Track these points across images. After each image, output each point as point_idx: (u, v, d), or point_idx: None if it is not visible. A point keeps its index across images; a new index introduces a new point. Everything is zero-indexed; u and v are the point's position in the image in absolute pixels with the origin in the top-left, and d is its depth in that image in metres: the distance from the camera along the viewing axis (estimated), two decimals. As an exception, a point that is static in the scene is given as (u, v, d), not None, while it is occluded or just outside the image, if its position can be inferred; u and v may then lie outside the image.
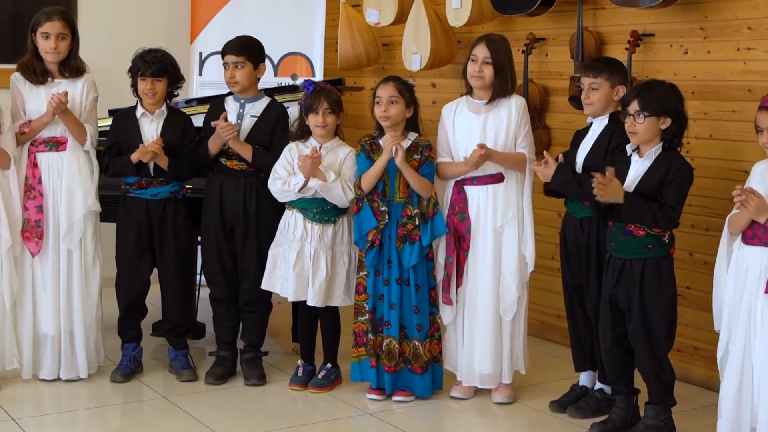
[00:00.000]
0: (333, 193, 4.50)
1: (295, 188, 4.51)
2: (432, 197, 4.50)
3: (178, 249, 4.80)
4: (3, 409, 4.41)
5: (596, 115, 4.35)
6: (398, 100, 4.49)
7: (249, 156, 4.68)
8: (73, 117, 4.65)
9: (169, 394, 4.67)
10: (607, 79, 4.27)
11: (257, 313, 4.84)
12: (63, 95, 4.54)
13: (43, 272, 4.72)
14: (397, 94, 4.49)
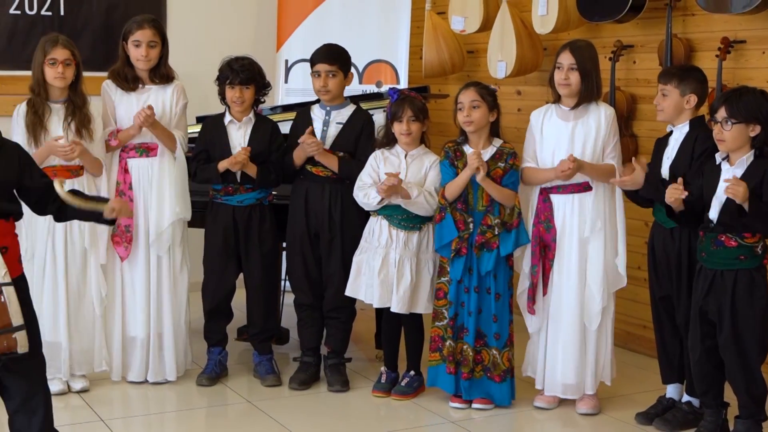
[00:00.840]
0: (417, 207, 4.50)
1: (373, 202, 4.52)
2: (515, 206, 4.47)
3: (263, 255, 4.84)
4: (93, 410, 4.49)
5: (667, 122, 4.29)
6: (480, 105, 4.47)
7: (335, 167, 4.70)
8: (162, 127, 4.72)
9: (254, 398, 4.71)
10: (676, 86, 4.20)
11: (341, 320, 4.85)
12: (149, 109, 4.62)
13: (133, 276, 4.80)
14: (479, 98, 4.47)
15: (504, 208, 4.45)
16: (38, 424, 3.29)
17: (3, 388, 3.29)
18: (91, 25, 6.53)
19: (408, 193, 4.47)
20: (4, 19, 6.30)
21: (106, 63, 5.07)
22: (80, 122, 4.60)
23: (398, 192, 4.45)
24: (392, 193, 4.45)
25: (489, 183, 4.41)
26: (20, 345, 3.02)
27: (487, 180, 4.39)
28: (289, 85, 6.66)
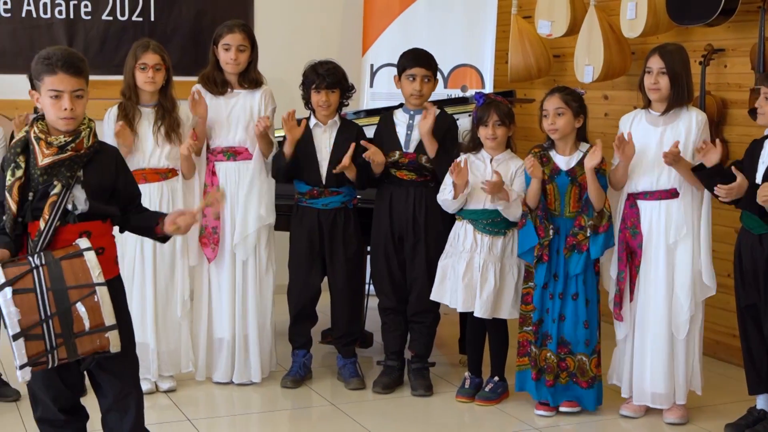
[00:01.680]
0: (512, 210, 4.48)
1: (449, 196, 4.51)
2: (605, 210, 4.41)
3: (348, 258, 4.86)
4: (179, 410, 4.56)
5: None
6: (565, 112, 4.42)
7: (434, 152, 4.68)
8: (269, 137, 4.78)
9: (337, 401, 4.73)
10: None
11: (425, 324, 4.84)
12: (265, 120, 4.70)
13: (219, 278, 4.86)
14: (564, 105, 4.42)
15: (595, 211, 4.39)
16: (130, 423, 3.35)
17: (97, 387, 3.36)
18: (180, 30, 6.64)
19: (509, 195, 4.45)
20: (97, 24, 6.44)
21: (195, 67, 5.15)
22: (169, 126, 4.68)
23: (500, 191, 4.42)
24: (496, 192, 4.42)
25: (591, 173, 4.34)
26: (112, 344, 3.07)
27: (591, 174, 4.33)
28: (374, 89, 6.68)
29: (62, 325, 3.01)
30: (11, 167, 3.19)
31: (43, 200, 3.15)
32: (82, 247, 3.09)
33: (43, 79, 3.16)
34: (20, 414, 4.45)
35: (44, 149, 3.17)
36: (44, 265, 3.03)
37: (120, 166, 3.36)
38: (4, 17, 6.27)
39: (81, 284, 3.03)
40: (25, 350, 2.98)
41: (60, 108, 3.15)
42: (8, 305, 2.96)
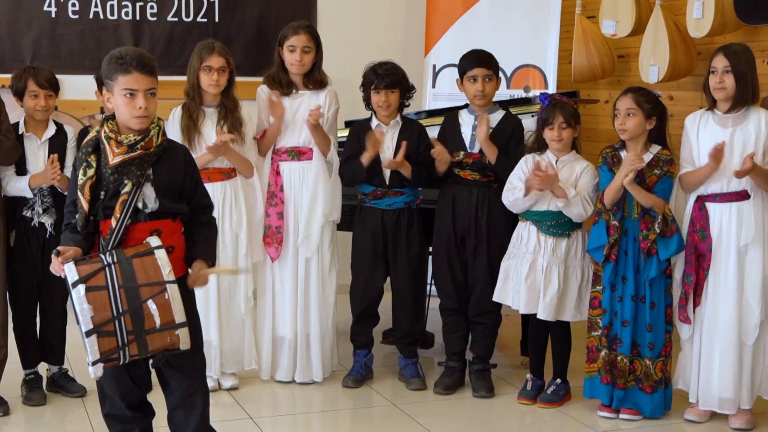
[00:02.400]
0: (572, 209, 4.44)
1: (519, 194, 4.49)
2: (667, 215, 4.36)
3: (410, 259, 4.86)
4: (242, 408, 4.59)
5: None
6: (636, 113, 4.37)
7: (494, 157, 4.67)
8: (322, 130, 4.79)
9: (398, 401, 4.73)
10: None
11: (487, 325, 4.83)
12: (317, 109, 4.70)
13: (282, 277, 4.89)
14: (635, 106, 4.37)
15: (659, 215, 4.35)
16: (195, 421, 3.39)
17: (165, 384, 3.40)
18: (244, 31, 6.69)
19: (564, 191, 4.42)
20: (162, 25, 6.52)
21: (259, 68, 5.19)
22: (232, 126, 4.71)
23: (553, 184, 4.40)
24: (547, 185, 4.40)
25: (636, 188, 4.31)
26: (182, 342, 3.11)
27: (633, 185, 4.30)
28: (437, 89, 6.68)
29: (134, 323, 3.04)
30: (83, 166, 3.24)
31: (114, 199, 3.20)
32: (153, 245, 3.13)
33: (117, 78, 3.20)
34: (86, 409, 4.51)
35: (114, 148, 3.21)
36: (116, 263, 3.07)
37: (189, 166, 3.39)
38: (72, 19, 6.37)
39: (152, 282, 3.07)
40: (97, 347, 3.02)
41: (134, 107, 3.19)
42: (81, 302, 3.00)
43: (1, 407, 4.44)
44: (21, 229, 4.53)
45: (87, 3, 6.37)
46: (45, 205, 4.52)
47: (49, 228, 4.53)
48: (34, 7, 6.31)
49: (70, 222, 3.27)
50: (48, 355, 4.71)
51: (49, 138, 4.60)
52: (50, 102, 4.57)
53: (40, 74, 4.54)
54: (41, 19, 6.33)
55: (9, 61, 6.18)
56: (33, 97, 4.53)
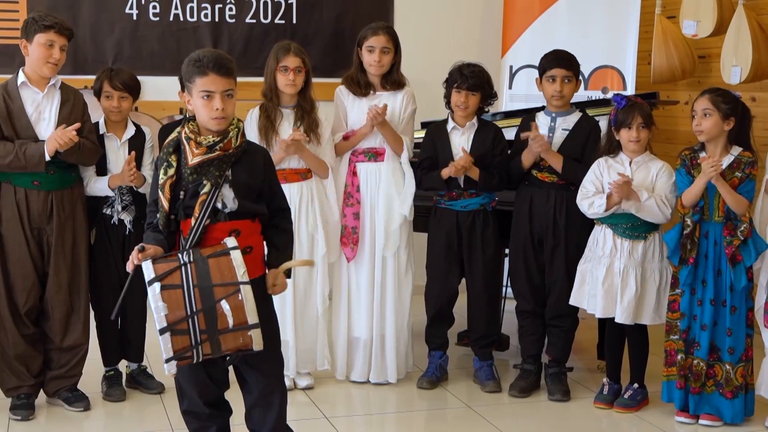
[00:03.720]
0: (648, 212, 4.38)
1: (599, 210, 4.44)
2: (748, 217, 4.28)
3: (485, 261, 4.84)
4: (317, 407, 4.61)
5: None
6: (712, 113, 4.30)
7: (559, 167, 4.65)
8: (391, 129, 4.80)
9: (473, 403, 4.71)
10: None
11: (563, 328, 4.79)
12: (381, 108, 4.70)
13: (358, 278, 4.90)
14: (711, 106, 4.30)
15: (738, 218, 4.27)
16: (273, 420, 3.41)
17: (243, 382, 3.43)
18: (321, 32, 6.74)
19: (638, 195, 4.36)
20: (241, 27, 6.59)
21: (336, 69, 5.22)
22: (309, 126, 4.73)
23: (629, 193, 4.35)
24: (623, 194, 4.35)
25: (723, 185, 4.23)
26: (255, 343, 3.13)
27: (721, 181, 4.22)
28: (513, 90, 6.64)
29: (207, 322, 3.07)
30: (164, 166, 3.29)
31: (194, 199, 3.24)
32: (229, 246, 3.16)
33: (195, 80, 3.24)
34: (164, 406, 4.58)
35: (194, 149, 3.25)
36: (192, 262, 3.11)
37: (268, 169, 3.41)
38: (153, 21, 6.47)
39: (226, 282, 3.10)
40: (171, 344, 3.05)
41: (212, 108, 3.23)
42: (157, 300, 3.04)
43: (82, 402, 4.53)
44: (101, 226, 4.62)
45: (167, 5, 6.48)
46: (124, 203, 4.60)
47: (128, 225, 4.61)
48: (117, 9, 6.42)
49: (152, 221, 3.33)
50: (128, 352, 4.79)
51: (129, 139, 4.67)
52: (123, 104, 4.63)
53: (116, 76, 4.61)
54: (123, 22, 6.45)
55: (92, 62, 6.31)
56: (107, 98, 4.61)
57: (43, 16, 4.35)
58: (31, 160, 4.27)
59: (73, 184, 4.49)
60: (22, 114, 4.34)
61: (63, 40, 4.35)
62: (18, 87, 4.36)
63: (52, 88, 4.42)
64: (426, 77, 5.19)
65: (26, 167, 4.29)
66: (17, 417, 4.39)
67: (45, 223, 4.39)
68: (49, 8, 5.95)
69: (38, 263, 4.43)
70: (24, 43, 4.35)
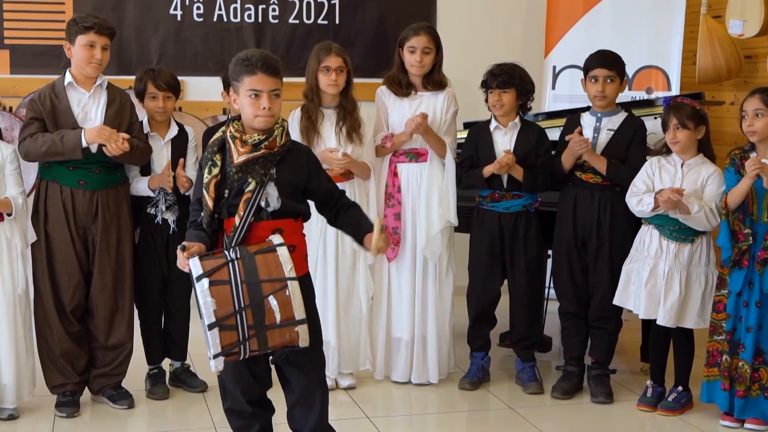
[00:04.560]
0: (696, 222, 4.34)
1: (647, 209, 4.40)
2: None
3: (528, 262, 4.82)
4: (358, 407, 4.61)
5: None
6: (765, 113, 4.24)
7: (603, 168, 4.62)
8: (434, 134, 4.79)
9: (515, 404, 4.69)
10: None
11: (606, 330, 4.75)
12: (422, 117, 4.69)
13: (399, 278, 4.90)
14: (763, 106, 4.24)
15: None
16: (314, 419, 3.42)
17: (285, 381, 3.44)
18: (363, 33, 6.75)
19: (688, 207, 4.32)
20: (284, 27, 6.62)
21: (378, 70, 5.22)
22: (350, 127, 4.74)
23: (679, 206, 4.31)
24: (670, 206, 4.31)
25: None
26: (302, 339, 3.14)
27: None
28: (556, 91, 6.61)
29: (255, 318, 3.09)
30: (208, 165, 3.31)
31: (238, 197, 3.26)
32: (276, 243, 3.18)
33: (243, 79, 3.26)
34: (207, 404, 4.60)
35: (239, 147, 3.27)
36: (239, 258, 3.13)
37: (312, 166, 3.43)
38: (197, 22, 6.52)
39: (274, 278, 3.12)
40: (219, 340, 3.08)
41: (259, 107, 3.25)
42: (205, 295, 3.07)
43: (126, 400, 4.56)
44: (145, 226, 4.65)
45: (211, 6, 6.52)
46: (168, 203, 4.63)
47: (172, 225, 4.64)
48: (161, 10, 6.47)
49: (195, 219, 3.35)
50: (171, 350, 4.82)
51: (172, 139, 4.70)
52: (168, 104, 4.67)
53: (159, 76, 4.64)
54: (167, 23, 6.50)
55: (136, 63, 6.36)
56: (152, 99, 4.64)
57: (84, 17, 4.39)
58: (67, 145, 4.29)
59: (118, 184, 4.53)
60: (68, 114, 4.38)
61: (104, 39, 4.38)
62: (65, 87, 4.41)
63: (99, 89, 4.46)
64: (468, 78, 5.17)
65: (63, 153, 4.32)
66: (62, 414, 4.43)
67: (90, 223, 4.43)
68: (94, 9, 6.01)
69: (83, 262, 4.47)
70: (67, 45, 4.40)
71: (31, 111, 4.41)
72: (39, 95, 4.42)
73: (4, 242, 4.31)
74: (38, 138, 4.33)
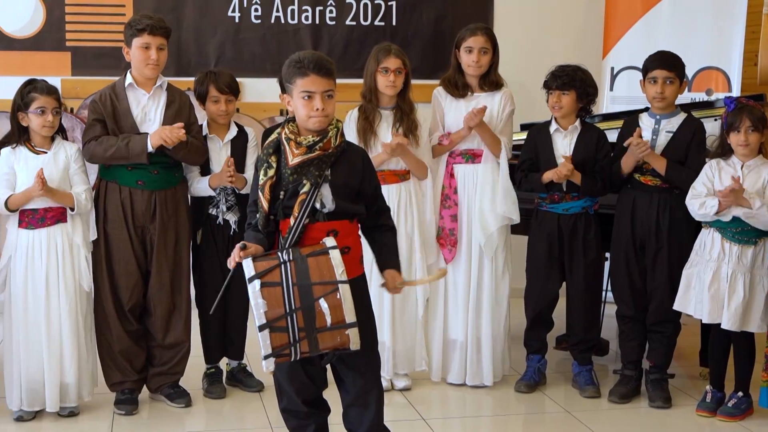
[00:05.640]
0: (759, 219, 4.28)
1: (710, 211, 4.34)
2: None
3: (587, 264, 4.78)
4: (414, 408, 4.61)
5: None
6: None
7: (663, 169, 4.56)
8: (489, 130, 4.77)
9: (571, 408, 4.66)
10: None
11: (665, 334, 4.70)
12: (479, 109, 4.68)
13: (455, 279, 4.88)
14: None
15: None
16: (369, 420, 3.41)
17: (340, 382, 3.45)
18: (420, 34, 6.75)
19: (750, 202, 4.26)
20: (341, 29, 6.64)
21: (435, 71, 5.22)
22: (408, 128, 4.74)
23: (738, 201, 4.25)
24: (731, 202, 4.25)
25: None
26: (353, 342, 3.14)
27: None
28: (614, 92, 6.55)
29: (305, 320, 3.10)
30: (264, 167, 3.33)
31: (293, 199, 3.26)
32: (328, 246, 3.18)
33: (296, 81, 3.27)
34: (263, 403, 4.63)
35: (294, 149, 3.28)
36: (292, 260, 3.14)
37: (367, 168, 3.43)
38: (255, 23, 6.57)
39: (325, 281, 3.12)
40: (269, 341, 3.09)
41: (312, 108, 3.26)
42: (256, 297, 3.08)
43: (184, 399, 4.61)
44: (207, 226, 4.69)
45: (269, 8, 6.56)
46: (229, 203, 4.66)
47: (233, 225, 4.67)
48: (220, 12, 6.53)
49: (251, 221, 3.37)
50: (229, 350, 4.86)
51: (231, 139, 4.74)
52: (230, 107, 4.71)
53: (221, 79, 4.67)
54: (225, 24, 6.55)
55: (194, 65, 6.42)
56: (214, 102, 4.68)
57: (138, 20, 4.43)
58: (133, 150, 4.35)
59: (176, 184, 4.58)
60: (128, 114, 4.43)
61: (159, 40, 4.41)
62: (125, 88, 4.46)
63: (159, 89, 4.51)
64: (525, 79, 5.16)
65: (129, 158, 4.38)
66: (121, 411, 4.49)
67: (148, 222, 4.48)
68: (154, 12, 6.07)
69: (141, 262, 4.52)
70: (126, 49, 4.45)
71: (93, 112, 4.47)
72: (100, 96, 4.48)
73: (67, 240, 4.38)
74: (103, 141, 4.39)
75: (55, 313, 4.36)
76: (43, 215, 4.34)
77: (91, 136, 4.43)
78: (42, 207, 4.33)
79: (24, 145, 4.38)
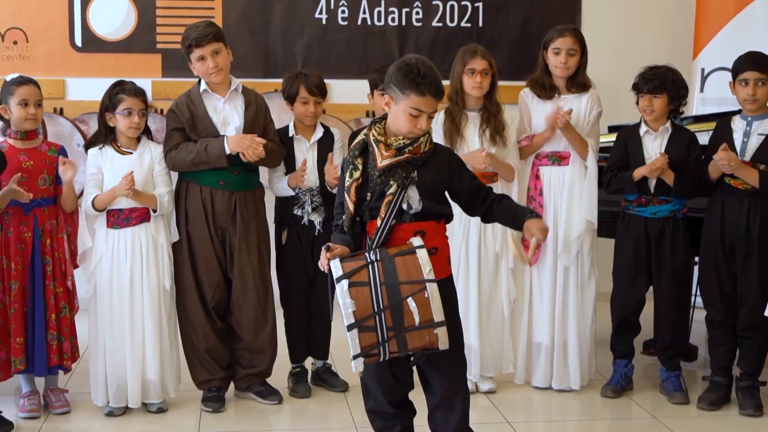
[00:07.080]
0: None
1: None
2: None
3: (675, 269, 4.71)
4: (499, 412, 4.59)
5: None
6: None
7: (756, 181, 4.47)
8: (575, 132, 4.73)
9: (659, 414, 4.59)
10: None
11: (756, 340, 4.60)
12: (565, 111, 4.64)
13: (540, 282, 4.85)
14: None
15: None
16: (455, 422, 3.41)
17: (426, 383, 3.45)
18: (507, 35, 6.72)
19: None
20: (427, 31, 6.65)
21: (521, 72, 5.19)
22: (494, 130, 4.72)
23: None
24: None
25: None
26: (441, 341, 3.14)
27: None
28: (705, 94, 6.44)
29: (394, 319, 3.11)
30: (350, 169, 3.34)
31: (380, 200, 3.28)
32: (415, 245, 3.18)
33: (410, 95, 3.24)
34: (348, 404, 4.65)
35: (383, 151, 3.29)
36: (379, 260, 3.15)
37: (455, 165, 3.42)
38: (341, 25, 6.61)
39: (413, 280, 3.12)
40: (358, 341, 3.10)
41: (416, 125, 3.26)
42: (344, 297, 3.10)
43: (276, 396, 4.66)
44: (292, 227, 4.73)
45: (356, 10, 6.59)
46: (314, 204, 4.70)
47: (318, 226, 4.71)
48: (307, 14, 6.58)
49: (338, 223, 3.38)
50: (314, 349, 4.89)
51: (317, 140, 4.77)
52: (318, 108, 4.75)
53: (311, 80, 4.71)
54: (313, 26, 6.61)
55: (282, 66, 6.48)
56: (303, 104, 4.72)
57: (185, 36, 4.47)
58: (212, 154, 4.42)
59: (256, 186, 4.64)
60: (206, 119, 4.50)
61: (210, 47, 4.43)
62: (200, 94, 4.52)
63: (234, 93, 4.56)
64: (613, 80, 5.10)
65: (209, 162, 4.45)
66: (208, 409, 4.55)
67: (229, 223, 4.53)
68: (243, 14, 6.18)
69: (222, 261, 4.58)
70: (191, 65, 4.51)
71: (172, 121, 4.54)
72: (177, 105, 4.55)
73: (151, 240, 4.46)
74: (182, 149, 4.46)
75: (138, 311, 4.45)
76: (128, 215, 4.44)
77: (171, 146, 4.50)
78: (127, 207, 4.42)
79: (110, 146, 4.48)
